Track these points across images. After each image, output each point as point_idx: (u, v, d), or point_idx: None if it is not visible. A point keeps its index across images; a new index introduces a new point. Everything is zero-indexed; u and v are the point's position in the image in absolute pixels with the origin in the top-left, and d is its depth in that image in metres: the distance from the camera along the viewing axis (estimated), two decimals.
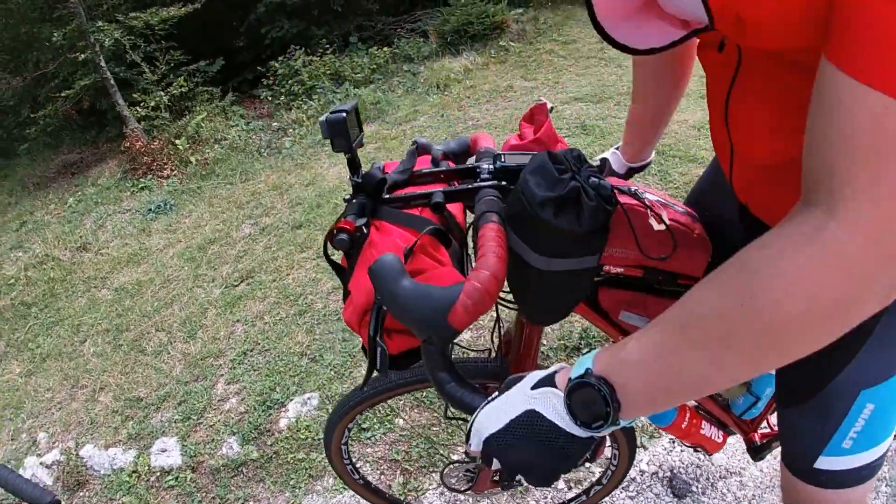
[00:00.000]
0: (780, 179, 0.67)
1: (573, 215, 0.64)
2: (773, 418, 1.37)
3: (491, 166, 0.85)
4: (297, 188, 4.32)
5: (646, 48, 0.62)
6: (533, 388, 0.61)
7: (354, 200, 0.83)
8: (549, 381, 0.61)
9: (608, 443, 1.36)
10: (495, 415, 0.62)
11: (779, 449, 1.32)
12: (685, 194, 1.20)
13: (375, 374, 0.74)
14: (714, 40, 0.70)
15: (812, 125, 0.46)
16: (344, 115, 0.79)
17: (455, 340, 0.71)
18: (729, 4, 0.49)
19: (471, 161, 1.00)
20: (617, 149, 1.24)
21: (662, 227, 0.85)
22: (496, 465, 0.62)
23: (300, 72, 6.22)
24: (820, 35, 0.45)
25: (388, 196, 0.84)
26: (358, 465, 1.47)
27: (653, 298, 0.98)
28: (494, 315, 1.09)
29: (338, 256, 0.87)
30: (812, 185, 0.46)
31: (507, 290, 0.97)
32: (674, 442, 1.80)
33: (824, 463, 0.81)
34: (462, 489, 1.41)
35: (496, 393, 0.64)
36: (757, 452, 1.34)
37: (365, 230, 0.78)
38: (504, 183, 0.82)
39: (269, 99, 6.30)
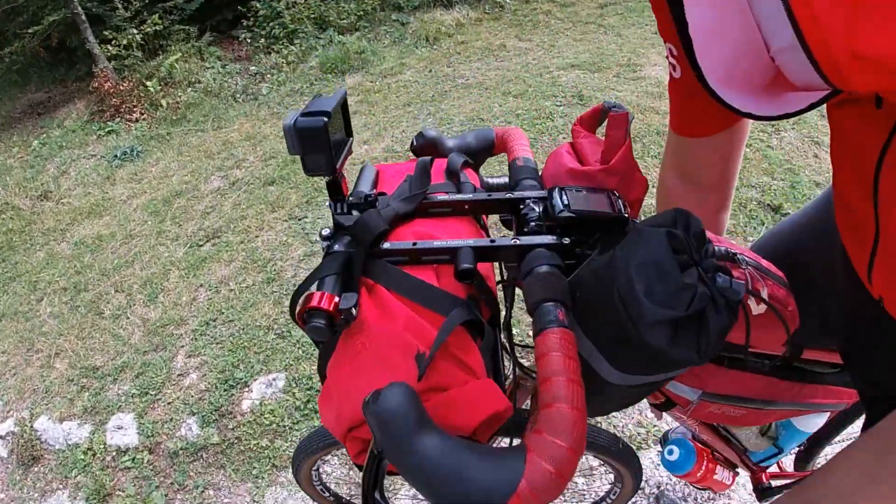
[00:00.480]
0: None
1: (693, 339, 0.44)
2: (784, 461, 1.30)
3: (540, 205, 0.61)
4: (272, 139, 4.10)
5: (778, 114, 0.53)
6: None
7: (336, 248, 0.58)
8: None
9: (607, 470, 1.27)
10: None
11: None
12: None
13: None
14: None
15: None
16: (324, 120, 0.54)
17: None
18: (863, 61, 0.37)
19: (485, 170, 0.78)
20: None
21: (762, 308, 0.62)
22: None
23: (282, 14, 5.87)
24: None
25: (388, 247, 0.58)
26: (327, 482, 1.38)
27: (710, 367, 0.83)
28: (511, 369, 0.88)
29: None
30: None
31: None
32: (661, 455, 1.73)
33: None
34: None
35: None
36: (763, 493, 1.27)
37: (354, 312, 0.53)
38: (567, 240, 0.57)
39: (249, 41, 5.96)
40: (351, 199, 0.64)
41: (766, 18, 0.49)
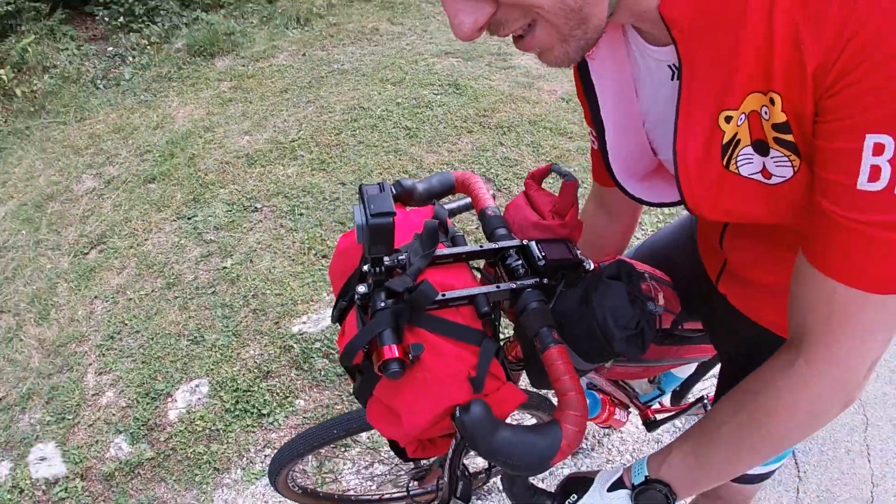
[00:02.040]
0: (767, 290, 0.90)
1: (639, 343, 0.73)
2: (665, 400, 1.69)
3: (518, 254, 0.82)
4: (144, 131, 3.92)
5: (659, 202, 0.84)
6: (609, 489, 0.77)
7: (380, 304, 0.72)
8: (620, 484, 0.77)
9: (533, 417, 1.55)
10: None
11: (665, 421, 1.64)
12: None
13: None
14: None
15: (794, 291, 0.66)
16: (391, 220, 0.67)
17: None
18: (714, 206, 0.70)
19: (452, 203, 0.98)
20: None
21: (661, 308, 0.95)
22: None
23: None
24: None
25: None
26: (297, 479, 1.52)
27: None
28: None
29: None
30: (793, 330, 0.67)
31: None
32: None
33: None
34: None
35: (574, 497, 0.79)
36: (651, 425, 1.62)
37: (417, 353, 0.70)
38: (546, 280, 0.79)
39: (105, 19, 5.48)
40: (387, 262, 0.76)
41: (656, 139, 0.80)
